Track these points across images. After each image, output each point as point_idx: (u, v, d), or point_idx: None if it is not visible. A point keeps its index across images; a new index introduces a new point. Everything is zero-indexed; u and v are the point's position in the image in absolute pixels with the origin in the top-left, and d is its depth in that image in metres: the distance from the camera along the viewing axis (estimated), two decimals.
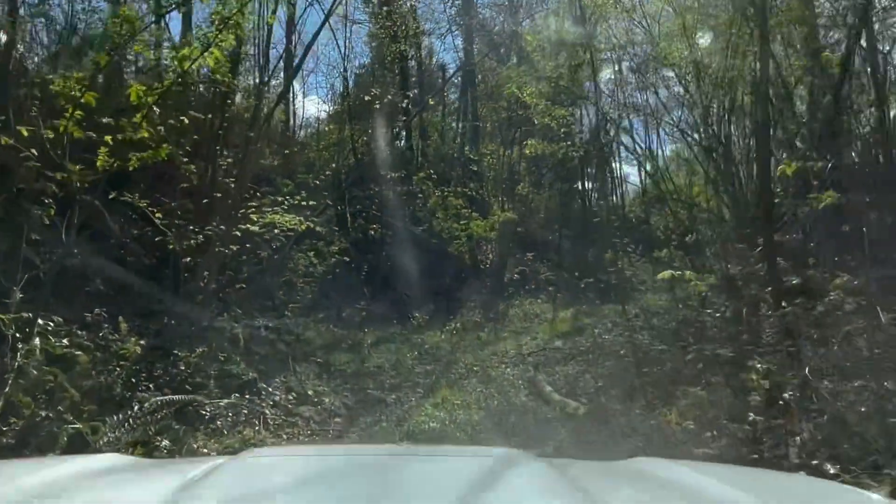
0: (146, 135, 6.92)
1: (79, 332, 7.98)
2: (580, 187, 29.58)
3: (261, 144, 19.57)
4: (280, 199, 9.94)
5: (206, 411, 7.62)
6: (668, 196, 22.37)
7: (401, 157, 22.83)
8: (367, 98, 19.60)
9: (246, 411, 7.88)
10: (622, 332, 12.08)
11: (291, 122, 23.62)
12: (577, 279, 23.25)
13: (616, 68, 20.95)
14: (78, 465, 1.94)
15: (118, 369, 7.46)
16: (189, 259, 9.23)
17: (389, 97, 22.60)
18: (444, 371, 11.25)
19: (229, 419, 7.68)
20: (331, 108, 25.09)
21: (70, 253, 9.09)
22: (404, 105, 23.47)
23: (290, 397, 8.95)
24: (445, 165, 22.45)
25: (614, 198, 32.48)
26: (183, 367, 8.05)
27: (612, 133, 29.98)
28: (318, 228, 16.37)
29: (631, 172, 36.74)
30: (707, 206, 19.09)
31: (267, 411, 8.12)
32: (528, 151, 17.71)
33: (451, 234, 17.91)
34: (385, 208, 19.13)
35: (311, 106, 45.90)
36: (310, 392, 9.31)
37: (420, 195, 19.21)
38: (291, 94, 22.42)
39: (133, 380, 7.77)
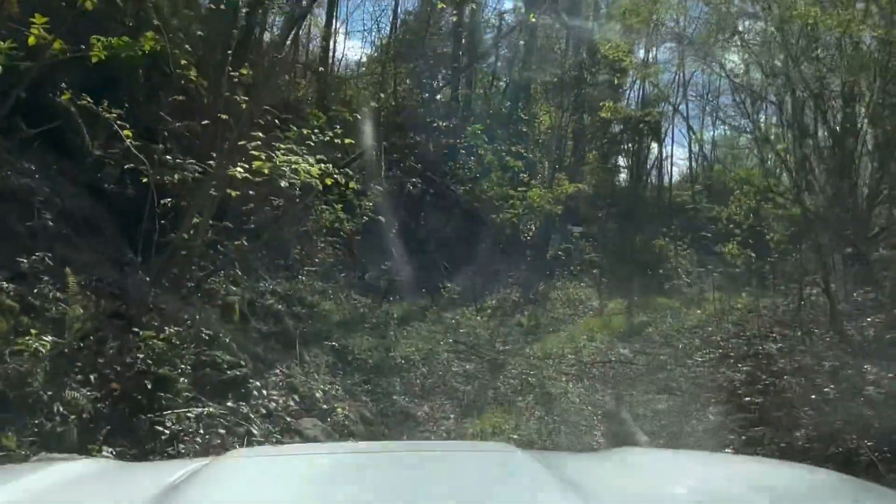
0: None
1: (2, 285, 5.35)
2: (631, 164, 26.58)
3: (293, 73, 16.79)
4: (307, 131, 7.10)
5: (167, 427, 5.00)
6: (738, 183, 19.41)
7: (446, 108, 19.90)
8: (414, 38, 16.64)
9: (223, 430, 5.24)
10: (711, 346, 9.33)
11: (330, 57, 20.59)
12: (624, 265, 20.51)
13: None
14: (59, 469, 1.86)
15: (43, 347, 4.79)
16: (172, 199, 6.49)
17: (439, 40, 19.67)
18: (489, 376, 8.61)
19: (199, 440, 5.06)
20: (374, 49, 21.92)
21: (16, 166, 6.47)
22: (454, 53, 20.53)
23: (292, 402, 6.33)
24: (493, 122, 19.33)
25: (661, 179, 29.46)
26: (143, 355, 5.37)
27: (670, 107, 26.88)
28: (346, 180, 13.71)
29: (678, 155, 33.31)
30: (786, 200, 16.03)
31: (255, 428, 5.49)
32: (603, 114, 14.65)
33: (505, 200, 14.95)
34: (425, 162, 16.30)
35: (352, 53, 42.35)
36: (318, 394, 6.67)
37: (464, 151, 16.19)
38: (333, 26, 19.34)
39: (70, 367, 5.14)
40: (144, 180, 6.19)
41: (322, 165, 6.45)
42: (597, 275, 18.32)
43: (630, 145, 25.96)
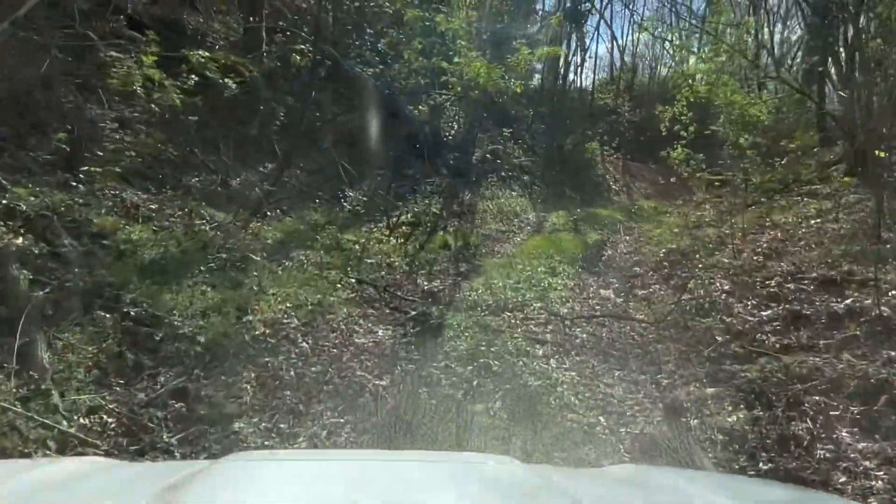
0: None
1: None
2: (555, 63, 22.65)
3: None
4: None
5: None
6: (683, 79, 16.05)
7: None
8: None
9: None
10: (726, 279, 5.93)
11: None
12: (555, 171, 17.01)
13: None
14: (60, 466, 1.77)
15: None
16: None
17: None
18: (419, 352, 4.81)
19: None
20: None
21: None
22: None
23: None
24: None
25: (582, 82, 25.89)
26: None
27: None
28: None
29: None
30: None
31: None
32: None
33: (431, 80, 10.67)
34: (319, 30, 11.70)
35: None
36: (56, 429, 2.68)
37: (378, 9, 11.61)
38: None
39: None
40: None
41: None
42: (528, 181, 14.74)
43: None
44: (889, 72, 8.40)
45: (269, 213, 8.49)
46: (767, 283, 5.60)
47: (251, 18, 11.35)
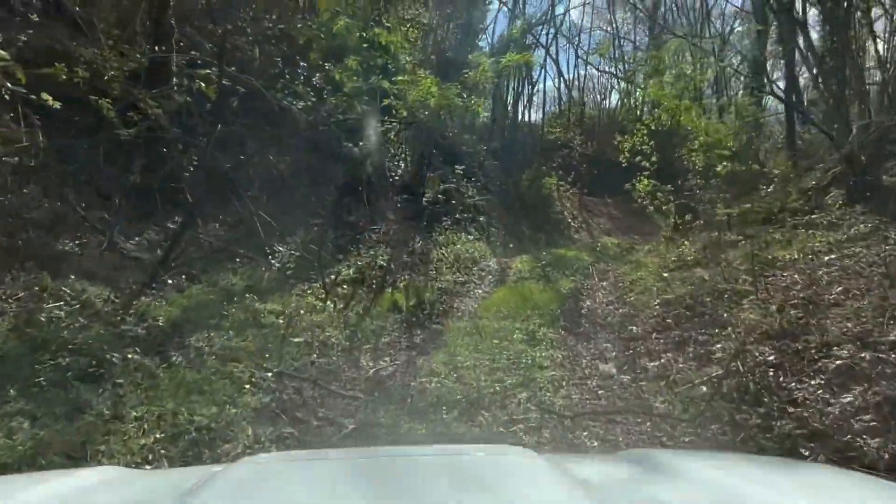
0: None
1: None
2: (509, 95, 21.61)
3: None
4: None
5: None
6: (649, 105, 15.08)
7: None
8: None
9: None
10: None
11: None
12: (512, 210, 15.62)
13: None
14: (77, 477, 1.72)
15: None
16: None
17: None
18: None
19: None
20: None
21: None
22: None
23: None
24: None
25: (530, 116, 25.00)
26: None
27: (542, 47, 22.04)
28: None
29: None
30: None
31: None
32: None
33: (369, 101, 9.02)
34: (248, 68, 10.07)
35: None
36: None
37: (306, 37, 9.98)
38: None
39: None
40: None
41: None
42: (485, 223, 13.27)
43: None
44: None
45: (169, 281, 6.65)
46: (829, 351, 4.15)
47: (157, 48, 9.63)
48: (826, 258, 6.65)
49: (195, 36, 10.88)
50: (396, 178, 12.01)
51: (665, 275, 7.90)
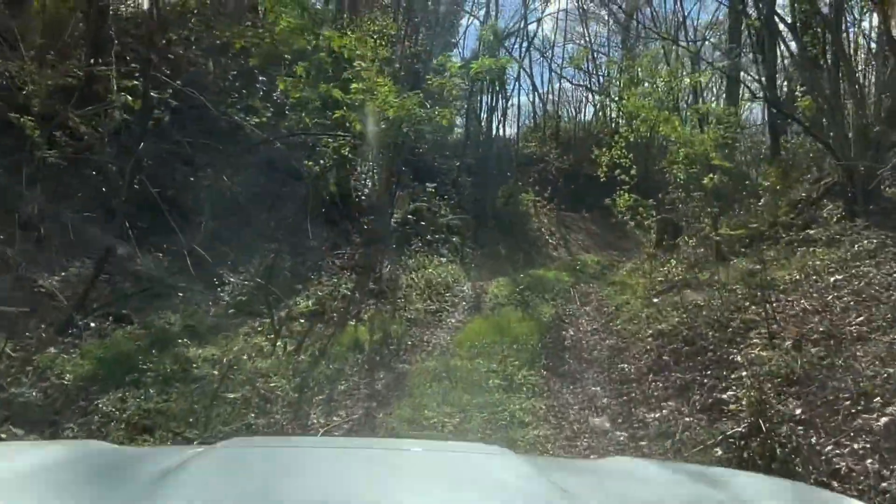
0: None
1: None
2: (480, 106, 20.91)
3: None
4: None
5: None
6: (626, 117, 14.45)
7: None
8: None
9: None
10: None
11: None
12: (487, 229, 14.84)
13: None
14: (56, 449, 1.75)
15: None
16: None
17: None
18: None
19: None
20: None
21: None
22: None
23: None
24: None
25: (504, 130, 24.37)
26: None
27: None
28: None
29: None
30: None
31: None
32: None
33: (325, 113, 8.06)
34: (187, 70, 9.21)
35: None
36: None
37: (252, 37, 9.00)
38: None
39: None
40: None
41: None
42: (458, 243, 12.48)
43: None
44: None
45: (92, 325, 5.73)
46: (869, 402, 3.40)
47: (93, 61, 8.72)
48: (832, 279, 5.97)
49: (139, 48, 9.98)
50: (363, 197, 11.19)
51: (655, 300, 7.15)
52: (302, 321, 7.23)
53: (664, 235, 12.00)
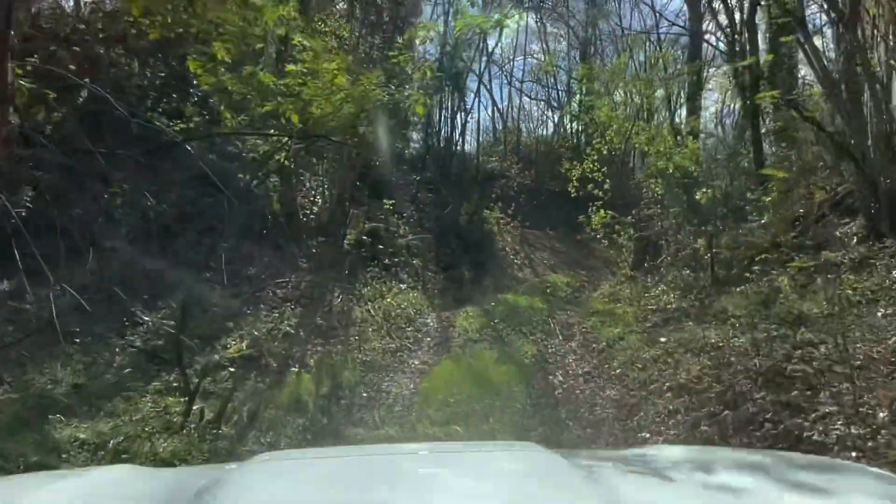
0: None
1: None
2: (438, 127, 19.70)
3: None
4: None
5: None
6: (599, 128, 13.46)
7: None
8: None
9: None
10: None
11: None
12: (450, 249, 13.55)
13: None
14: (92, 476, 1.76)
15: None
16: None
17: None
18: None
19: None
20: None
21: None
22: None
23: None
24: None
25: (463, 145, 23.23)
26: None
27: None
28: None
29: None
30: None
31: None
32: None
33: (263, 101, 6.39)
34: (105, 72, 7.66)
35: None
36: None
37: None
38: None
39: None
40: None
41: None
42: (419, 266, 11.15)
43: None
44: None
45: None
46: None
47: None
48: (880, 313, 4.90)
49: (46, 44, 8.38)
50: (312, 216, 9.77)
51: (662, 339, 5.96)
52: (232, 370, 5.78)
53: (644, 255, 10.99)
